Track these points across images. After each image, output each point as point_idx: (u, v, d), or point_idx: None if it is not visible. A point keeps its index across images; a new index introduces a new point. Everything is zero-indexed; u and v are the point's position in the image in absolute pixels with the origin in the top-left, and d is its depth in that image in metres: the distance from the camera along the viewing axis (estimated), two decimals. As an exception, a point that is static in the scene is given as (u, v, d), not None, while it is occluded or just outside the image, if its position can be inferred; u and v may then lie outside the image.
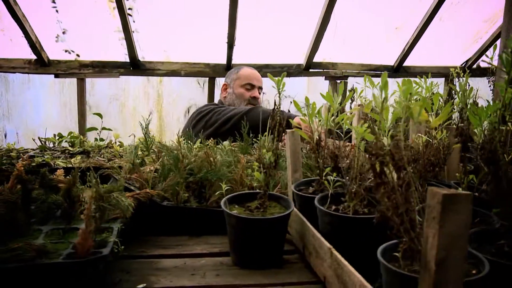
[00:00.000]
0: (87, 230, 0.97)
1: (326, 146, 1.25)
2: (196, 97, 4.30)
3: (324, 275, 1.01)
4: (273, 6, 3.83)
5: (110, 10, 3.54)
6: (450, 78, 1.76)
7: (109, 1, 3.49)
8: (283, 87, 1.22)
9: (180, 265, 1.15)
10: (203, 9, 3.74)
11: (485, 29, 3.85)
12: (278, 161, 1.17)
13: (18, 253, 0.95)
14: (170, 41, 3.95)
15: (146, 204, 1.24)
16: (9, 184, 1.15)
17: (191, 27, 3.88)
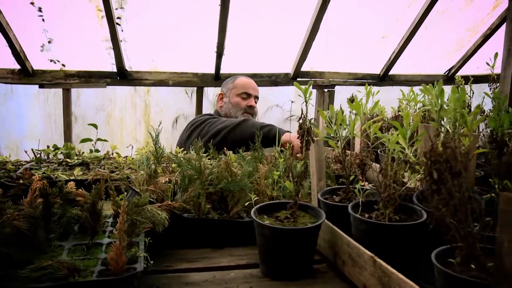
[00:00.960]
0: (120, 245, 0.93)
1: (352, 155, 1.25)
2: (184, 107, 4.25)
3: (363, 284, 1.00)
4: (261, 16, 3.84)
5: (98, 19, 3.47)
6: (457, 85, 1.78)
7: (97, 10, 3.42)
8: (310, 95, 1.21)
9: (210, 278, 1.11)
10: (191, 19, 3.72)
11: (467, 38, 3.96)
12: (307, 171, 1.16)
13: (49, 271, 0.89)
14: (158, 50, 3.90)
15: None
16: (28, 198, 1.09)
17: (180, 37, 3.84)
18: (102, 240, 1.13)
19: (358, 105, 1.25)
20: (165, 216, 1.03)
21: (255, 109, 2.97)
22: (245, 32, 3.92)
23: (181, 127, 4.33)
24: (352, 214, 1.07)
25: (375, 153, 1.94)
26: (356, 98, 2.67)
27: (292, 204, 1.14)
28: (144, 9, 3.50)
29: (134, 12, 3.45)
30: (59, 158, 2.20)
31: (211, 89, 4.30)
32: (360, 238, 1.06)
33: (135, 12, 3.46)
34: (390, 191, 1.06)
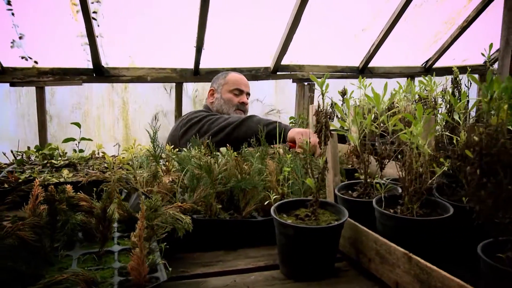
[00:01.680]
0: (142, 253, 0.85)
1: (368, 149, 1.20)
2: (163, 104, 4.13)
3: (395, 282, 0.96)
4: (240, 11, 3.76)
5: (73, 14, 3.30)
6: (455, 76, 1.76)
7: (72, 4, 3.25)
8: (326, 88, 1.16)
9: (230, 283, 1.04)
10: (169, 13, 3.61)
11: (444, 30, 4.01)
12: (327, 166, 1.11)
13: (65, 286, 0.81)
14: (136, 46, 3.77)
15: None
16: (30, 205, 0.99)
17: (158, 32, 3.72)
18: (112, 247, 1.04)
19: (377, 97, 1.20)
20: (189, 220, 0.96)
21: (247, 106, 2.91)
22: (224, 27, 3.84)
23: (160, 123, 4.21)
24: (379, 209, 1.03)
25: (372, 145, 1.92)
26: (346, 91, 2.65)
27: (313, 201, 1.09)
28: (121, 3, 3.36)
29: (111, 7, 3.31)
30: (43, 159, 2.07)
31: (190, 84, 4.20)
32: (387, 234, 1.01)
33: (112, 6, 3.31)
34: (416, 186, 1.02)
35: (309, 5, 3.51)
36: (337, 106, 1.24)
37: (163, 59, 3.93)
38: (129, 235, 1.12)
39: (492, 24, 3.95)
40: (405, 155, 1.06)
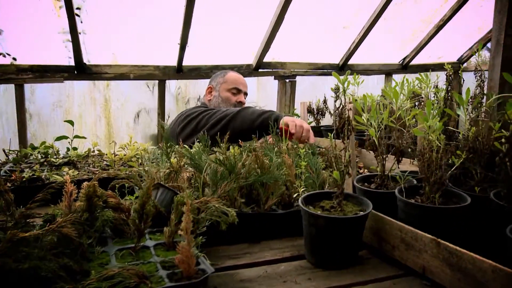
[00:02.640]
0: (189, 246, 0.88)
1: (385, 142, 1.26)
2: (146, 101, 4.09)
3: (422, 266, 1.02)
4: (222, 8, 3.77)
5: (55, 10, 3.23)
6: (448, 74, 1.85)
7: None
8: (348, 85, 1.21)
9: (262, 274, 1.08)
10: (152, 10, 3.58)
11: (421, 28, 4.15)
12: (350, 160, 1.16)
13: (119, 280, 0.82)
14: (119, 43, 3.71)
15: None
16: (66, 202, 1.00)
17: (141, 29, 3.68)
18: (145, 242, 1.06)
19: (396, 93, 1.26)
20: (234, 212, 0.99)
21: (244, 104, 2.95)
22: (207, 25, 3.84)
23: (143, 121, 4.17)
24: (404, 200, 1.09)
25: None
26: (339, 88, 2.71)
27: (338, 193, 1.13)
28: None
29: (95, 2, 3.25)
30: (39, 158, 2.03)
31: (173, 82, 4.18)
32: (411, 222, 1.07)
33: (96, 2, 3.26)
34: (437, 176, 1.09)
35: (292, 3, 3.56)
36: (357, 103, 1.29)
37: (146, 56, 3.89)
38: (158, 230, 1.15)
39: (466, 23, 4.13)
40: (423, 148, 1.12)
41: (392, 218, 1.12)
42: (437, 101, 1.99)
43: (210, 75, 4.18)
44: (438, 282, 0.98)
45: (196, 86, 4.27)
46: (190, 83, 4.26)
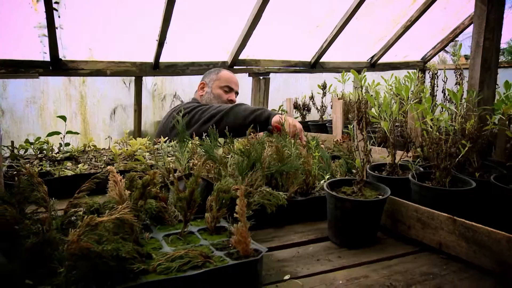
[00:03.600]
0: (245, 227, 0.96)
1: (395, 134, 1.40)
2: (122, 98, 4.07)
3: (439, 242, 1.15)
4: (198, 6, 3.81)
5: (32, 3, 3.16)
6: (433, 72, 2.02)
7: (32, -7, 3.11)
8: (364, 82, 1.32)
9: (296, 254, 1.18)
10: (131, 6, 3.57)
11: (390, 28, 4.38)
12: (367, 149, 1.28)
13: (188, 260, 0.90)
14: (96, 39, 3.67)
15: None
16: (118, 191, 1.05)
17: (118, 25, 3.66)
18: (188, 228, 1.13)
19: (407, 89, 1.40)
20: (283, 196, 1.08)
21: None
22: (183, 22, 3.87)
23: (119, 118, 4.15)
24: (419, 183, 1.22)
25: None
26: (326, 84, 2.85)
27: (359, 180, 1.25)
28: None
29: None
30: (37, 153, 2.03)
31: (149, 78, 4.18)
32: (424, 204, 1.21)
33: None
34: (446, 163, 1.23)
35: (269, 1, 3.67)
36: (370, 98, 1.41)
37: (123, 52, 3.86)
38: (195, 218, 1.22)
39: (431, 24, 4.40)
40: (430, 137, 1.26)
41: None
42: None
43: (186, 72, 4.23)
44: (454, 255, 1.12)
45: (172, 82, 4.29)
46: (166, 80, 4.27)
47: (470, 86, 2.00)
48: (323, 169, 1.51)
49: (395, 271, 1.07)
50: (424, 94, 2.07)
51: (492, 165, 1.44)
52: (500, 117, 1.43)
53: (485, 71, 1.92)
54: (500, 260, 1.01)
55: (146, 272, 0.87)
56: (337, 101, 2.25)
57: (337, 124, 2.27)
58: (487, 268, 1.04)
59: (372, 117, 1.39)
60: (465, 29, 4.57)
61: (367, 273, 1.06)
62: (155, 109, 4.26)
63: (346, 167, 1.52)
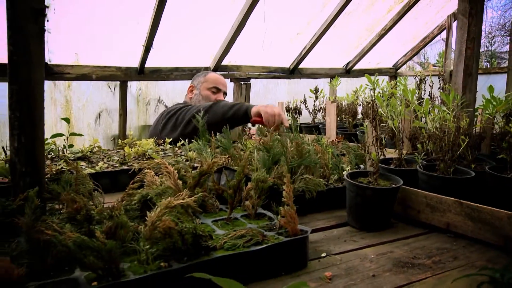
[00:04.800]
0: (293, 209, 1.11)
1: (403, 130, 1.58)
2: (107, 102, 4.11)
3: (446, 223, 1.34)
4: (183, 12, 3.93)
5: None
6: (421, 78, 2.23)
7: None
8: (377, 85, 1.50)
9: (324, 237, 1.33)
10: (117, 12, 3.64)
11: (365, 37, 4.66)
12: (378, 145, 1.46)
13: (249, 238, 1.04)
14: (82, 43, 3.72)
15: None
16: (173, 180, 1.17)
17: (104, 30, 3.72)
18: (231, 215, 1.27)
19: (413, 91, 1.59)
20: (324, 182, 1.23)
21: None
22: (168, 28, 3.98)
23: (104, 122, 4.18)
24: (428, 173, 1.41)
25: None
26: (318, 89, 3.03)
27: (375, 170, 1.43)
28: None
29: (65, 1, 3.25)
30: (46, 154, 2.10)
31: (134, 83, 4.24)
32: (432, 191, 1.40)
33: (65, 1, 3.26)
34: (449, 155, 1.43)
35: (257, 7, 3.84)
36: (378, 98, 1.59)
37: (108, 57, 3.92)
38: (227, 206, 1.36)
39: (403, 33, 4.71)
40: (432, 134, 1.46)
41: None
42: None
43: (170, 77, 4.33)
44: (461, 233, 1.31)
45: (156, 87, 4.37)
46: (151, 84, 4.35)
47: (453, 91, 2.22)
48: (335, 163, 1.68)
49: (414, 247, 1.25)
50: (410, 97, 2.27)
51: (482, 158, 1.65)
52: (488, 116, 1.65)
53: (467, 76, 2.15)
54: (502, 234, 1.20)
55: (214, 249, 1.00)
56: (331, 105, 2.44)
57: (331, 125, 2.45)
58: (490, 242, 1.23)
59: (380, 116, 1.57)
60: (434, 38, 4.92)
61: (391, 249, 1.23)
62: (139, 114, 4.32)
63: (355, 161, 1.70)
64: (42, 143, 1.29)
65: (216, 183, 1.39)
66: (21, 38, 1.20)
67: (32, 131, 1.26)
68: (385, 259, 1.16)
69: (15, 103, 1.23)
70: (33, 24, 1.21)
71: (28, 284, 0.87)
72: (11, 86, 1.22)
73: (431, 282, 1.03)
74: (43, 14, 1.22)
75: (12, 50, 1.20)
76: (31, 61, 1.22)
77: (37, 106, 1.26)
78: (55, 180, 1.56)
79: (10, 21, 1.18)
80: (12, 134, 1.26)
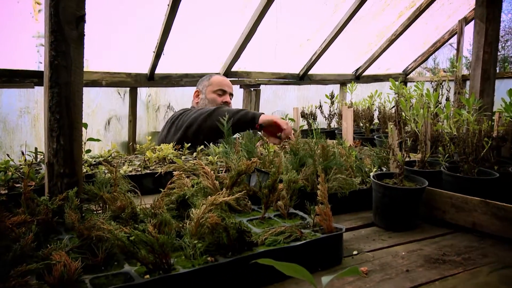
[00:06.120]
0: (327, 208, 1.18)
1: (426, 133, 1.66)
2: (117, 108, 4.20)
3: (472, 222, 1.41)
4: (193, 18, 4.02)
5: (34, 13, 3.28)
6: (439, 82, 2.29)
7: (35, 2, 3.24)
8: (400, 88, 1.58)
9: (353, 236, 1.40)
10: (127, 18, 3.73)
11: (375, 42, 4.76)
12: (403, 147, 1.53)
13: (289, 234, 1.11)
14: (92, 49, 3.80)
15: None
16: (211, 180, 1.25)
17: (114, 36, 3.81)
18: (265, 214, 1.34)
19: (436, 95, 1.66)
20: (357, 182, 1.30)
21: (230, 105, 3.22)
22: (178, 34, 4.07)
23: (114, 128, 4.26)
24: (453, 174, 1.48)
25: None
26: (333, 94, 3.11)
27: (400, 172, 1.50)
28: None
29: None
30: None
31: (143, 89, 4.33)
32: (456, 192, 1.47)
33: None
34: (473, 157, 1.50)
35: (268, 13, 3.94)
36: (403, 103, 1.66)
37: (118, 63, 4.01)
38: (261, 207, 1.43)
39: (413, 38, 4.81)
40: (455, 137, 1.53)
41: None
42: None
43: (180, 83, 4.42)
44: (487, 232, 1.38)
45: (166, 93, 4.45)
46: (161, 91, 4.43)
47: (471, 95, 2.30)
48: (359, 166, 1.75)
49: (443, 245, 1.32)
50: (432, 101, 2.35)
51: (504, 160, 1.73)
52: (509, 119, 1.72)
53: (485, 81, 2.22)
54: (529, 232, 1.27)
55: (256, 245, 1.07)
56: (347, 110, 2.51)
57: (348, 130, 2.52)
58: (518, 239, 1.30)
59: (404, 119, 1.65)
60: (445, 43, 5.01)
61: (421, 247, 1.30)
62: (149, 120, 4.40)
63: (378, 164, 1.77)
64: (80, 145, 1.36)
65: (247, 184, 1.46)
66: (63, 42, 1.28)
67: (71, 133, 1.33)
68: (416, 256, 1.22)
69: (54, 106, 1.30)
70: (75, 30, 1.28)
71: (84, 277, 0.94)
72: (52, 90, 1.29)
73: (464, 276, 1.10)
74: (84, 20, 1.30)
75: (54, 54, 1.28)
76: (71, 65, 1.29)
77: (76, 108, 1.33)
78: (87, 182, 1.64)
79: (53, 26, 1.26)
80: (51, 136, 1.33)
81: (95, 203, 1.35)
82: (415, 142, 1.71)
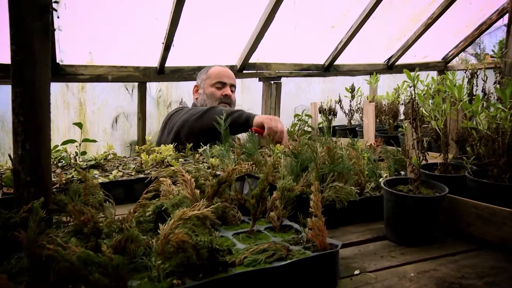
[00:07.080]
0: (321, 221, 1.10)
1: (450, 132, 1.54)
2: (125, 105, 4.21)
3: (501, 237, 1.29)
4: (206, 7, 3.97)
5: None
6: (473, 71, 2.15)
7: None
8: (417, 81, 1.47)
9: (358, 252, 1.31)
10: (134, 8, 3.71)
11: (409, 27, 4.57)
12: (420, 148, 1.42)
13: (272, 252, 1.03)
14: (97, 41, 3.81)
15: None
16: (189, 190, 1.18)
17: (121, 27, 3.80)
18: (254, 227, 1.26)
19: (460, 87, 1.54)
20: (356, 190, 1.21)
21: (232, 97, 3.13)
22: (190, 25, 4.02)
23: (121, 126, 4.28)
24: (478, 180, 1.37)
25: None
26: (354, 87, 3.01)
27: (416, 177, 1.39)
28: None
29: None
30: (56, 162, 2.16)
31: (153, 84, 4.32)
32: (483, 201, 1.35)
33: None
34: (505, 159, 1.38)
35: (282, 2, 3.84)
36: (420, 96, 1.55)
37: (125, 56, 4.00)
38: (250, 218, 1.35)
39: (453, 21, 4.60)
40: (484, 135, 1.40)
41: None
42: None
43: (193, 77, 4.38)
44: (520, 249, 1.26)
45: (178, 88, 4.43)
46: (172, 85, 4.41)
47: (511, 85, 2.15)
48: (372, 170, 1.65)
49: (463, 265, 1.21)
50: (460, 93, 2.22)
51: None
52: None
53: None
54: None
55: (233, 265, 1.00)
56: (368, 105, 2.41)
57: (369, 128, 2.41)
58: (554, 259, 1.18)
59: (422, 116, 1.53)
60: (493, 24, 4.72)
61: (435, 267, 1.20)
62: (160, 117, 4.39)
63: (394, 167, 1.66)
64: (48, 151, 1.32)
65: (239, 193, 1.38)
66: (24, 36, 1.23)
67: (37, 137, 1.28)
68: (427, 279, 1.12)
69: (18, 107, 1.26)
70: (38, 21, 1.24)
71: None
72: (14, 89, 1.26)
73: (482, 305, 0.99)
74: (48, 10, 1.25)
75: (15, 49, 1.23)
76: (35, 61, 1.25)
77: (43, 110, 1.29)
78: (64, 190, 1.60)
79: (13, 17, 1.22)
80: (16, 141, 1.29)
81: (66, 215, 1.30)
82: (436, 142, 1.59)
